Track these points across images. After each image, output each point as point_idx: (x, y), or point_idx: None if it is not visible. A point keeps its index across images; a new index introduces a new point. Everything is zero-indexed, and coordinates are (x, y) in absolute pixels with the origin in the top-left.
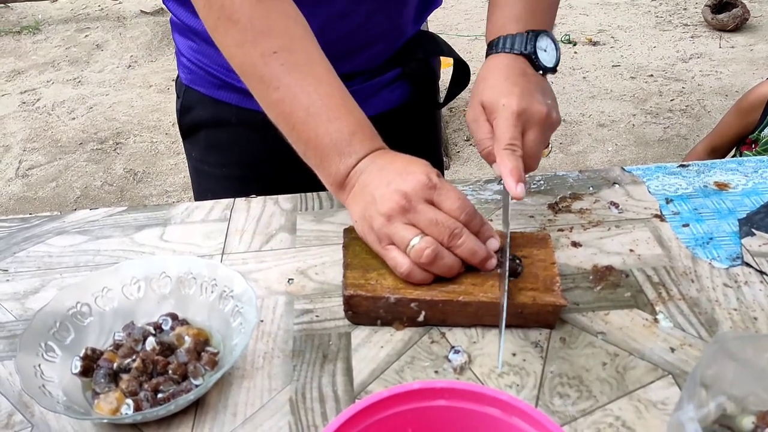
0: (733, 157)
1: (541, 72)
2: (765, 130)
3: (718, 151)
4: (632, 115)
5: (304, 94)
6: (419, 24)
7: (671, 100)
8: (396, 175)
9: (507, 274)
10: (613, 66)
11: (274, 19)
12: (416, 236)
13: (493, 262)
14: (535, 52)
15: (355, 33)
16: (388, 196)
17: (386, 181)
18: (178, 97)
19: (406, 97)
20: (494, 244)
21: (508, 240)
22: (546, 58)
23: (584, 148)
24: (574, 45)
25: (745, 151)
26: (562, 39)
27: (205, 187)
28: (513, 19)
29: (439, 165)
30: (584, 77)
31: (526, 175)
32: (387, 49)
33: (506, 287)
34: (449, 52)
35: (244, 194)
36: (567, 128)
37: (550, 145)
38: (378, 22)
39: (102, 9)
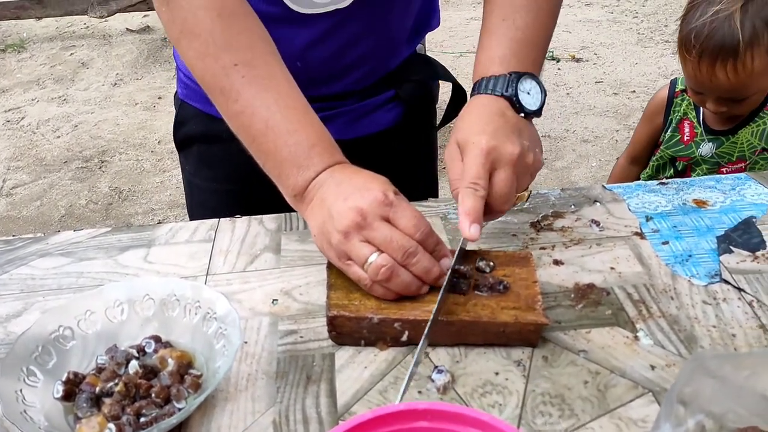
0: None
1: (523, 115)
2: (668, 131)
3: (637, 160)
4: (615, 130)
5: (263, 107)
6: (414, 45)
7: None
8: (354, 191)
9: (445, 287)
10: (596, 82)
11: (236, 33)
12: (373, 253)
13: (443, 280)
14: (516, 95)
15: (340, 54)
16: (344, 213)
17: (343, 197)
18: (175, 110)
19: (401, 118)
20: (447, 263)
21: (455, 257)
22: (529, 100)
23: (568, 163)
24: (558, 62)
25: (656, 153)
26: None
27: (198, 200)
28: (497, 60)
29: (434, 185)
30: (568, 93)
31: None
32: (377, 70)
33: (439, 300)
34: (446, 75)
35: (235, 208)
36: (551, 144)
37: (529, 190)
38: (364, 44)
39: (87, 27)
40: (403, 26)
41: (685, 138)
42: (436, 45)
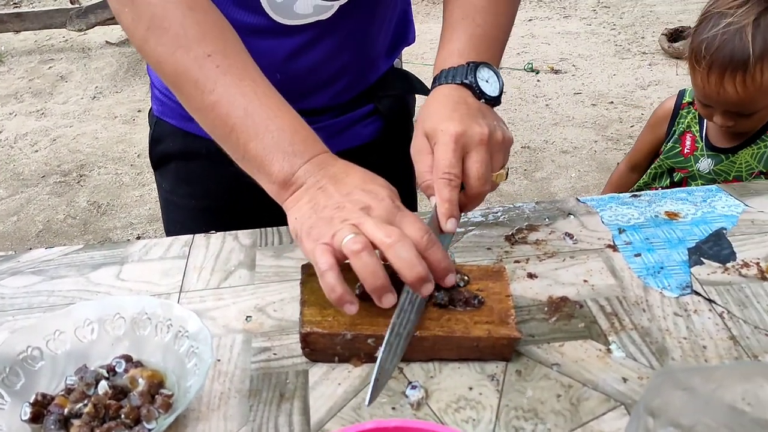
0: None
1: (483, 101)
2: (670, 142)
3: (637, 167)
4: (594, 141)
5: (240, 95)
6: (392, 59)
7: (631, 127)
8: (357, 189)
9: (428, 300)
10: (574, 93)
11: (207, 25)
12: (353, 234)
13: (430, 287)
14: (476, 82)
15: (320, 66)
16: (350, 207)
17: (346, 191)
18: (150, 128)
19: (379, 132)
20: (451, 279)
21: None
22: (488, 88)
23: (548, 174)
24: (537, 73)
25: (656, 161)
26: (525, 68)
27: (175, 218)
28: (456, 53)
29: (413, 199)
30: (547, 105)
31: (485, 205)
32: (356, 84)
33: (417, 320)
34: (422, 89)
35: (213, 226)
36: (531, 155)
37: (506, 168)
38: (344, 56)
39: (67, 40)
40: (381, 40)
41: (686, 150)
42: (416, 57)
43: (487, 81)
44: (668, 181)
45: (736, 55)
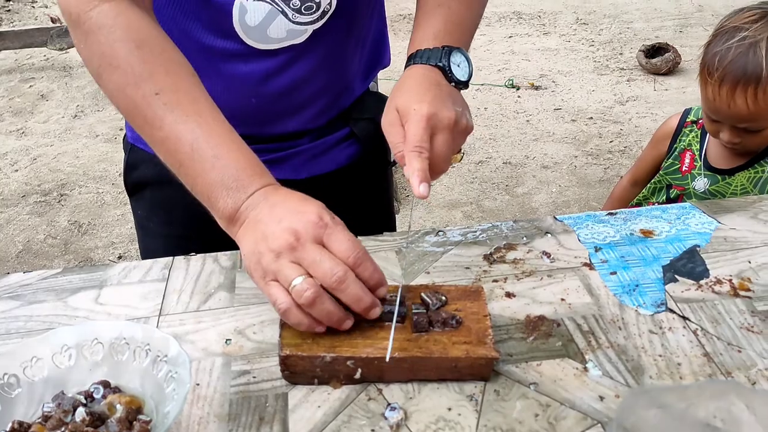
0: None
1: (453, 84)
2: (670, 158)
3: (639, 182)
4: (574, 156)
5: (187, 131)
6: (367, 83)
7: (610, 142)
8: (288, 213)
9: (395, 319)
10: (554, 109)
11: (155, 63)
12: (300, 276)
13: (378, 311)
14: (449, 66)
15: (294, 89)
16: (278, 234)
17: (278, 219)
18: (125, 154)
19: (357, 155)
20: (382, 291)
21: (399, 291)
22: (459, 72)
23: (529, 189)
24: (518, 89)
25: (656, 177)
26: (506, 84)
27: (150, 245)
28: (431, 36)
29: (390, 219)
30: (528, 120)
31: (465, 224)
32: (331, 107)
33: (392, 338)
34: None
35: (188, 252)
36: (512, 170)
37: (462, 151)
38: (318, 80)
39: (48, 59)
40: (356, 63)
41: (684, 168)
42: (398, 73)
43: (458, 65)
44: (665, 196)
45: (749, 68)
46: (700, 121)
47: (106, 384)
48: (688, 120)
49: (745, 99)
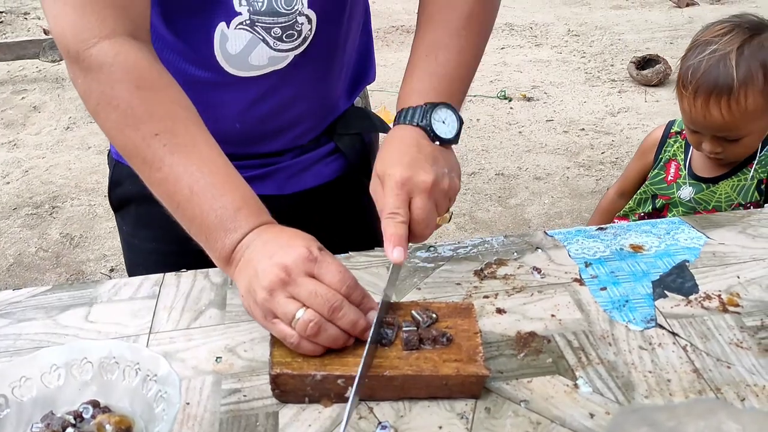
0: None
1: (438, 143)
2: (656, 169)
3: (626, 193)
4: (566, 167)
5: (187, 174)
6: (351, 100)
7: (602, 153)
8: (278, 249)
9: (370, 340)
10: (546, 121)
11: (155, 104)
12: (299, 309)
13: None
14: (430, 124)
15: (278, 114)
16: (269, 270)
17: (268, 255)
18: (109, 170)
19: (342, 170)
20: (373, 315)
21: (378, 310)
22: (444, 129)
23: (522, 201)
24: (510, 101)
25: (642, 188)
26: (498, 95)
27: (137, 261)
28: (416, 92)
29: (374, 233)
30: (520, 132)
31: (456, 239)
32: (315, 127)
33: (365, 354)
34: (382, 127)
35: (175, 269)
36: (505, 182)
37: (450, 212)
38: (301, 103)
39: (40, 70)
40: (340, 82)
41: (669, 178)
42: (390, 85)
43: (443, 122)
44: (651, 207)
45: (720, 80)
46: (684, 132)
47: (95, 404)
48: (672, 131)
49: (720, 109)
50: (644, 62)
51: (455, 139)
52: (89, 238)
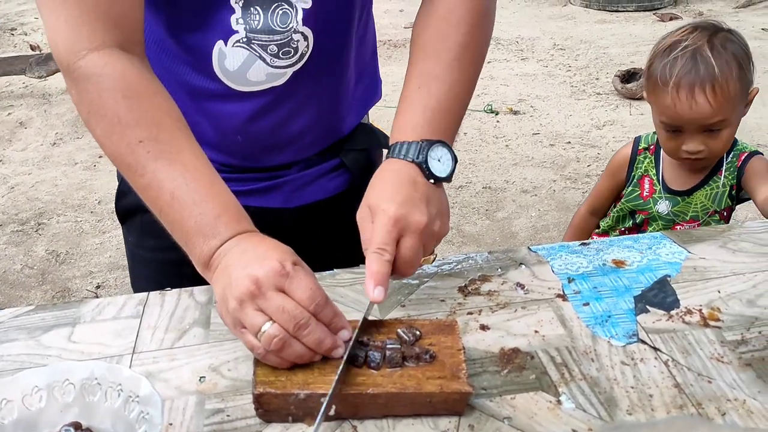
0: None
1: (432, 181)
2: (630, 186)
3: (597, 211)
4: (553, 180)
5: (168, 180)
6: (359, 118)
7: (588, 166)
8: (253, 260)
9: (345, 359)
10: (533, 134)
11: (141, 111)
12: (266, 323)
13: (340, 351)
14: (426, 161)
15: (280, 127)
16: (240, 281)
17: (243, 265)
18: (117, 181)
19: (345, 186)
20: (345, 335)
21: (357, 329)
22: (439, 167)
23: (509, 214)
24: (497, 114)
25: (617, 205)
26: (485, 109)
27: (142, 272)
28: (410, 126)
29: None
30: (507, 145)
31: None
32: (320, 141)
33: (338, 374)
34: (386, 144)
35: (180, 279)
36: (492, 195)
37: (434, 254)
38: (303, 117)
39: (27, 86)
40: (343, 99)
41: (645, 194)
42: (387, 103)
43: (438, 160)
44: (631, 222)
45: (701, 70)
46: (652, 147)
47: (77, 426)
48: (640, 147)
49: (706, 97)
50: (629, 75)
51: (449, 177)
52: (76, 254)
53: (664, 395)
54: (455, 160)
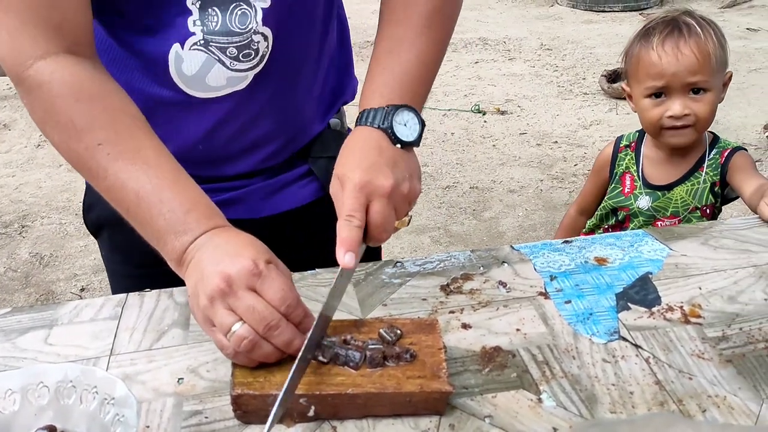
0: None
1: (399, 146)
2: (612, 183)
3: (586, 211)
4: (540, 180)
5: (132, 180)
6: (326, 120)
7: (575, 165)
8: (225, 256)
9: (299, 358)
10: (520, 134)
11: (96, 114)
12: (236, 323)
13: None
14: (391, 127)
15: (243, 133)
16: (212, 278)
17: (216, 262)
18: (84, 194)
19: (319, 193)
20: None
21: (317, 321)
22: (405, 132)
23: (496, 213)
24: (484, 114)
25: (602, 204)
26: (472, 109)
27: (118, 284)
28: (378, 92)
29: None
30: (494, 145)
31: (423, 254)
32: (286, 147)
33: (292, 371)
34: None
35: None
36: (479, 195)
37: (409, 215)
38: (267, 122)
39: (10, 87)
40: (310, 102)
41: (626, 190)
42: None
43: (405, 124)
44: (614, 220)
45: (683, 29)
46: (633, 144)
47: (52, 429)
48: (621, 145)
49: (690, 48)
50: (615, 75)
51: (417, 141)
52: (60, 257)
53: (645, 392)
54: (422, 124)
